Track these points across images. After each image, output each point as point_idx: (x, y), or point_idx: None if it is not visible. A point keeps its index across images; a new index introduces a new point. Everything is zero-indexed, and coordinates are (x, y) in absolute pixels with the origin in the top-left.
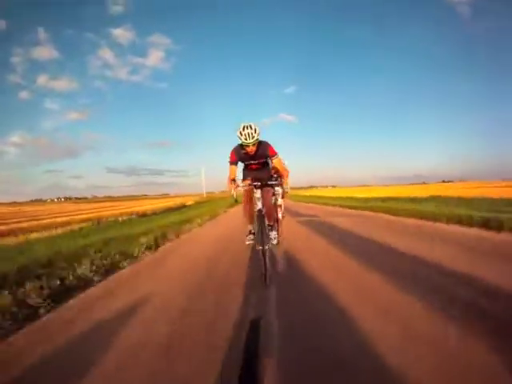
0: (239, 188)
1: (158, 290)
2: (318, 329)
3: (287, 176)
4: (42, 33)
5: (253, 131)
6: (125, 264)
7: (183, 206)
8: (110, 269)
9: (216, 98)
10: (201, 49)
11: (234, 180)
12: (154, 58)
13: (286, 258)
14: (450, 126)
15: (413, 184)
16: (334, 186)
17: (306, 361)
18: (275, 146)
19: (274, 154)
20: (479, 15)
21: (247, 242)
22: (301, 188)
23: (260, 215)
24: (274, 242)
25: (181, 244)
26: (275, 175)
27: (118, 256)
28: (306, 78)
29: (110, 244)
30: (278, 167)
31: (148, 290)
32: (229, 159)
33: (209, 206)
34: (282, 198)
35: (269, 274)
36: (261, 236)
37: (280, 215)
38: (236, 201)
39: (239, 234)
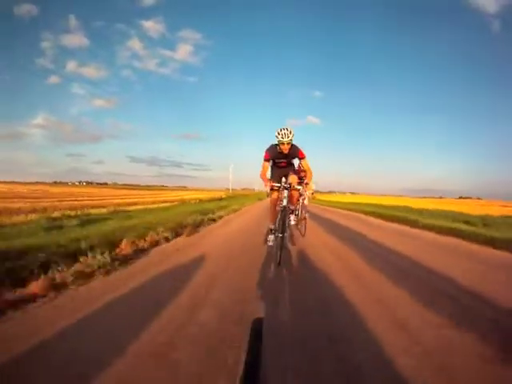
0: (272, 186)
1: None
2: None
3: (311, 178)
4: (72, 20)
5: (288, 132)
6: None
7: (220, 198)
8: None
9: (242, 96)
10: (231, 46)
11: (269, 179)
12: (183, 51)
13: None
14: (474, 141)
15: (431, 197)
16: (352, 193)
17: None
18: (300, 145)
19: (303, 156)
20: (496, 26)
21: (269, 243)
22: (319, 192)
23: (284, 210)
24: (293, 223)
25: (244, 210)
26: (303, 175)
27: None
28: (334, 83)
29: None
30: (306, 168)
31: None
32: (263, 157)
33: (239, 199)
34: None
35: (283, 255)
36: (282, 226)
37: (306, 214)
38: (268, 195)
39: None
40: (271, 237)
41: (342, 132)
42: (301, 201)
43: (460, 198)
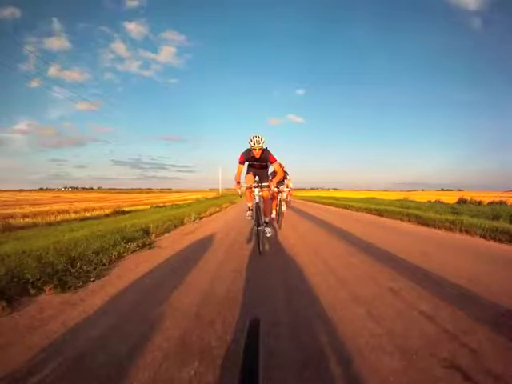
0: (242, 188)
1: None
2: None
3: (281, 177)
4: (56, 23)
5: (260, 139)
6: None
7: (218, 197)
8: (203, 216)
9: (225, 96)
10: (213, 47)
11: (238, 182)
12: (166, 53)
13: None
14: (454, 134)
15: (413, 191)
16: (335, 189)
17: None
18: (283, 145)
19: (274, 160)
20: (489, 24)
21: (248, 218)
22: (303, 189)
23: (257, 206)
24: (268, 235)
25: (228, 208)
26: (271, 177)
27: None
28: (316, 81)
29: (200, 208)
30: (277, 171)
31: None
32: (238, 160)
33: (230, 197)
34: (286, 196)
35: (262, 246)
36: (257, 220)
37: (284, 208)
38: (240, 197)
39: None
40: (249, 212)
41: (326, 130)
42: (278, 198)
43: (442, 190)
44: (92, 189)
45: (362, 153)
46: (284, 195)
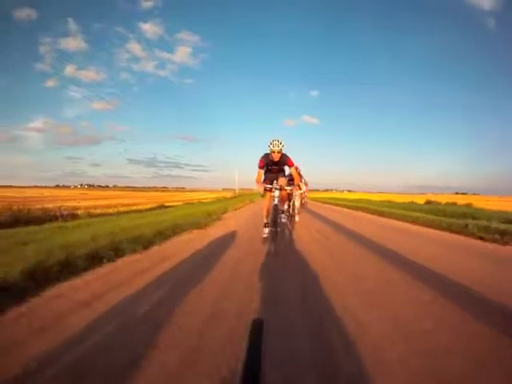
0: (265, 187)
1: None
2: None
3: (299, 182)
4: (71, 23)
5: (279, 143)
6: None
7: (235, 196)
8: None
9: (241, 97)
10: (228, 47)
11: (261, 183)
12: (182, 53)
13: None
14: (471, 136)
15: (425, 193)
16: (349, 191)
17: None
18: (298, 146)
19: (292, 164)
20: (495, 25)
21: (264, 236)
22: (317, 190)
23: (275, 208)
24: (284, 220)
25: (250, 204)
26: (291, 181)
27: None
28: (332, 82)
29: (230, 204)
30: (293, 175)
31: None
32: (258, 165)
33: (247, 196)
34: (301, 201)
35: (278, 247)
36: (274, 221)
37: (296, 211)
38: (262, 196)
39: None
40: (266, 230)
41: (341, 131)
42: (292, 201)
43: (456, 193)
44: (108, 187)
45: (375, 154)
46: (296, 198)
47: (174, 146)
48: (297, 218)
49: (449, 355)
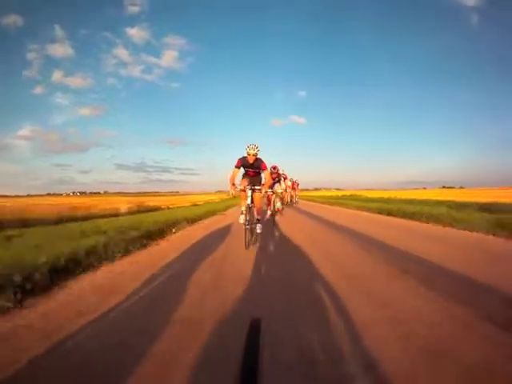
0: (237, 189)
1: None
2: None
3: (271, 183)
4: (58, 30)
5: (255, 147)
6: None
7: (234, 197)
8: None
9: (228, 99)
10: (214, 50)
11: (233, 184)
12: (168, 57)
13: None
14: (456, 133)
15: (414, 189)
16: (338, 189)
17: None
18: (286, 146)
19: (265, 168)
20: (489, 24)
21: (240, 221)
22: (306, 190)
23: (248, 207)
24: (259, 231)
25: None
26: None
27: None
28: (319, 82)
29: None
30: (266, 177)
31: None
32: (235, 164)
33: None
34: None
35: (248, 241)
36: (248, 220)
37: (277, 206)
38: (234, 197)
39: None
40: (242, 216)
41: (328, 131)
42: (272, 199)
43: (443, 187)
44: (99, 193)
45: (363, 153)
46: (277, 199)
47: (163, 151)
48: (276, 217)
49: (347, 259)
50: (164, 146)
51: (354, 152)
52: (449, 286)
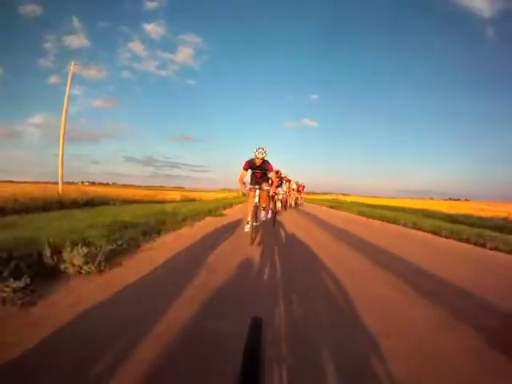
0: (247, 188)
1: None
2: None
3: (274, 185)
4: (76, 22)
5: (263, 151)
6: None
7: (243, 195)
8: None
9: (241, 99)
10: (230, 50)
11: (244, 183)
12: (184, 54)
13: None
14: (466, 144)
15: (421, 198)
16: (344, 194)
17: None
18: (298, 148)
19: (271, 169)
20: (499, 33)
21: (246, 230)
22: (313, 193)
23: (256, 206)
24: (263, 218)
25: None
26: (271, 182)
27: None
28: (331, 86)
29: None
30: (272, 178)
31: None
32: (243, 166)
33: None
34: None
35: (253, 238)
36: (255, 217)
37: (279, 205)
38: (244, 194)
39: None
40: (247, 226)
41: (339, 135)
42: (274, 199)
43: (449, 199)
44: (108, 184)
45: (372, 160)
46: (280, 197)
47: (173, 146)
48: (277, 217)
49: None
50: (175, 142)
51: (363, 158)
52: (357, 242)
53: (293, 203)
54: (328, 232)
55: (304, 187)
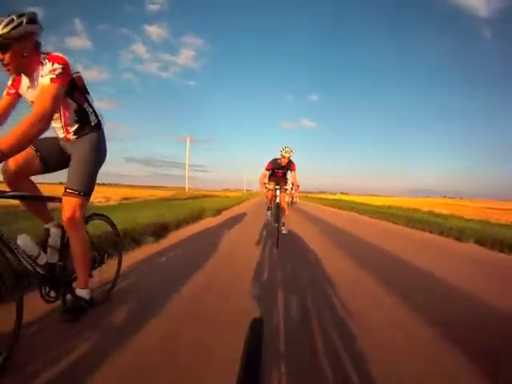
0: (266, 189)
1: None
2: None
3: (296, 185)
4: (78, 24)
5: (290, 150)
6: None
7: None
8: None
9: (241, 100)
10: (230, 52)
11: (265, 183)
12: (185, 56)
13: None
14: (464, 141)
15: (416, 197)
16: (342, 193)
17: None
18: (296, 149)
19: (294, 169)
20: (498, 34)
21: (268, 217)
22: (310, 192)
23: (277, 205)
24: (285, 232)
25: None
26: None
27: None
28: (330, 87)
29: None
30: (293, 179)
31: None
32: (265, 167)
33: (254, 195)
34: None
35: (279, 239)
36: (277, 218)
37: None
38: (267, 197)
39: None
40: (268, 212)
41: (337, 136)
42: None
43: (444, 197)
44: (110, 184)
45: (371, 160)
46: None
47: (173, 146)
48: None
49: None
50: (175, 142)
51: (361, 158)
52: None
53: (289, 201)
54: (298, 215)
55: (298, 186)
